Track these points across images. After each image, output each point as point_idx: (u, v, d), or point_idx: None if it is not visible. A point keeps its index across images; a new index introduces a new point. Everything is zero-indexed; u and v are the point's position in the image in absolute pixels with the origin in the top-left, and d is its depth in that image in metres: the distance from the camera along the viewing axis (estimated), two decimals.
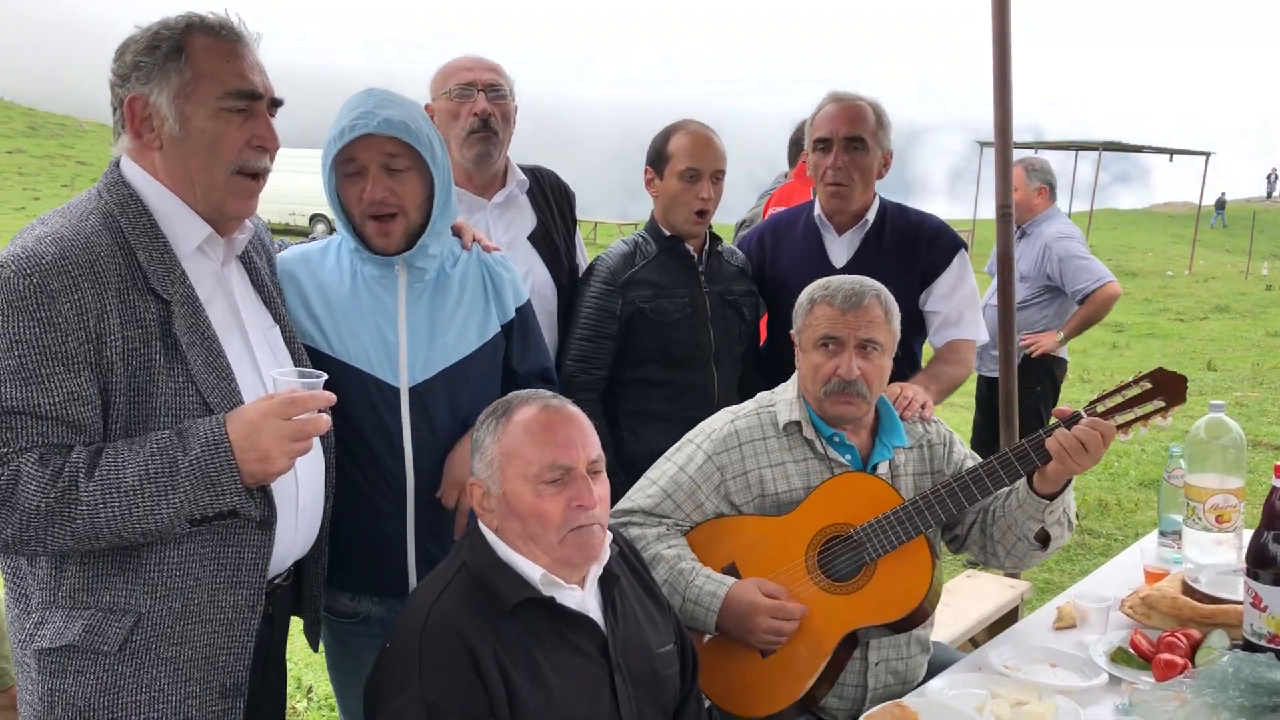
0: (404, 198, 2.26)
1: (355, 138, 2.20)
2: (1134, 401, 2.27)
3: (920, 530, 2.29)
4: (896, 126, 3.22)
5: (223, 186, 1.87)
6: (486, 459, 1.91)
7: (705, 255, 3.09)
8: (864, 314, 2.39)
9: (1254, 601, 2.13)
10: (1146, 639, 2.29)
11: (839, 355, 2.37)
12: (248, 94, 1.85)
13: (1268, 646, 2.10)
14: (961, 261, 3.17)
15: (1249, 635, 2.14)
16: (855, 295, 2.40)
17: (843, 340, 2.38)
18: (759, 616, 2.27)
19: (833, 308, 2.40)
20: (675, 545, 2.40)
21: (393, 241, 2.28)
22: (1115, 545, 5.69)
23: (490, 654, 1.80)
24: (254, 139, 1.87)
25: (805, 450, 2.42)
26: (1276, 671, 2.00)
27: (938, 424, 2.59)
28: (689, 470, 2.43)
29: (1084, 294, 5.27)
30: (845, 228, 3.18)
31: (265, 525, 1.87)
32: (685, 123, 3.05)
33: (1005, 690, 2.14)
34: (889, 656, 2.40)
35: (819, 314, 2.42)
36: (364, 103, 2.24)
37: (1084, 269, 5.28)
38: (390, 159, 2.23)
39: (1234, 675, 2.00)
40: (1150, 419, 2.27)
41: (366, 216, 2.26)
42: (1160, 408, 2.26)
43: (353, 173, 2.25)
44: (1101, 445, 2.22)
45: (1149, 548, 2.91)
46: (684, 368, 3.01)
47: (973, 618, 3.54)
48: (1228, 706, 1.95)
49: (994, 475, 2.31)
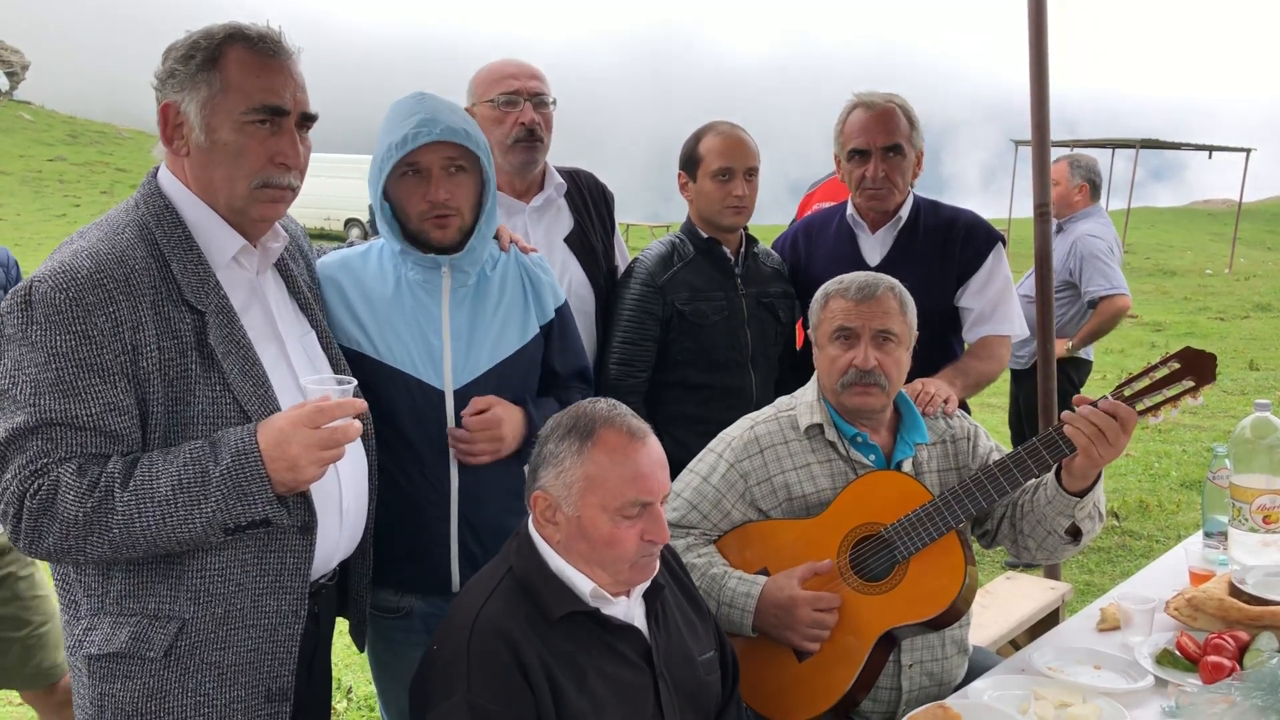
0: (461, 200, 2.30)
1: (420, 145, 2.22)
2: (1162, 383, 2.24)
3: (951, 526, 2.27)
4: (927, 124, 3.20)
5: (245, 198, 1.88)
6: (565, 480, 1.87)
7: (741, 257, 3.08)
8: (878, 305, 2.38)
9: None
10: (1193, 641, 2.26)
11: (855, 347, 2.37)
12: (273, 109, 1.85)
13: None
14: (997, 256, 3.15)
15: None
16: (869, 286, 2.41)
17: (857, 331, 2.37)
18: (800, 609, 2.26)
19: (847, 300, 2.40)
20: (705, 554, 2.40)
21: (449, 235, 2.31)
22: (1157, 547, 5.62)
23: (537, 660, 1.80)
24: (276, 155, 1.88)
25: (829, 452, 2.42)
26: None
27: (962, 418, 2.56)
28: (712, 480, 2.43)
29: (1094, 298, 5.19)
30: (878, 225, 3.17)
31: (306, 530, 1.88)
32: (715, 124, 3.06)
33: (1049, 692, 2.12)
34: (923, 658, 2.38)
35: (833, 307, 2.42)
36: (421, 108, 2.26)
37: (1101, 272, 5.18)
38: (451, 162, 2.27)
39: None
40: (1180, 400, 2.23)
41: (426, 217, 2.28)
42: (1190, 388, 2.23)
43: (410, 175, 2.27)
44: (1119, 430, 2.18)
45: (1194, 549, 2.87)
46: (721, 370, 3.00)
47: (1013, 620, 3.50)
48: (1277, 709, 1.92)
49: (1022, 466, 2.29)
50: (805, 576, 2.30)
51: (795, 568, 2.32)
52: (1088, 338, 5.28)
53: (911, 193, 3.19)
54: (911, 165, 3.13)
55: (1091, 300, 5.22)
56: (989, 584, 3.90)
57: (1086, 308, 5.28)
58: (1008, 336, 3.14)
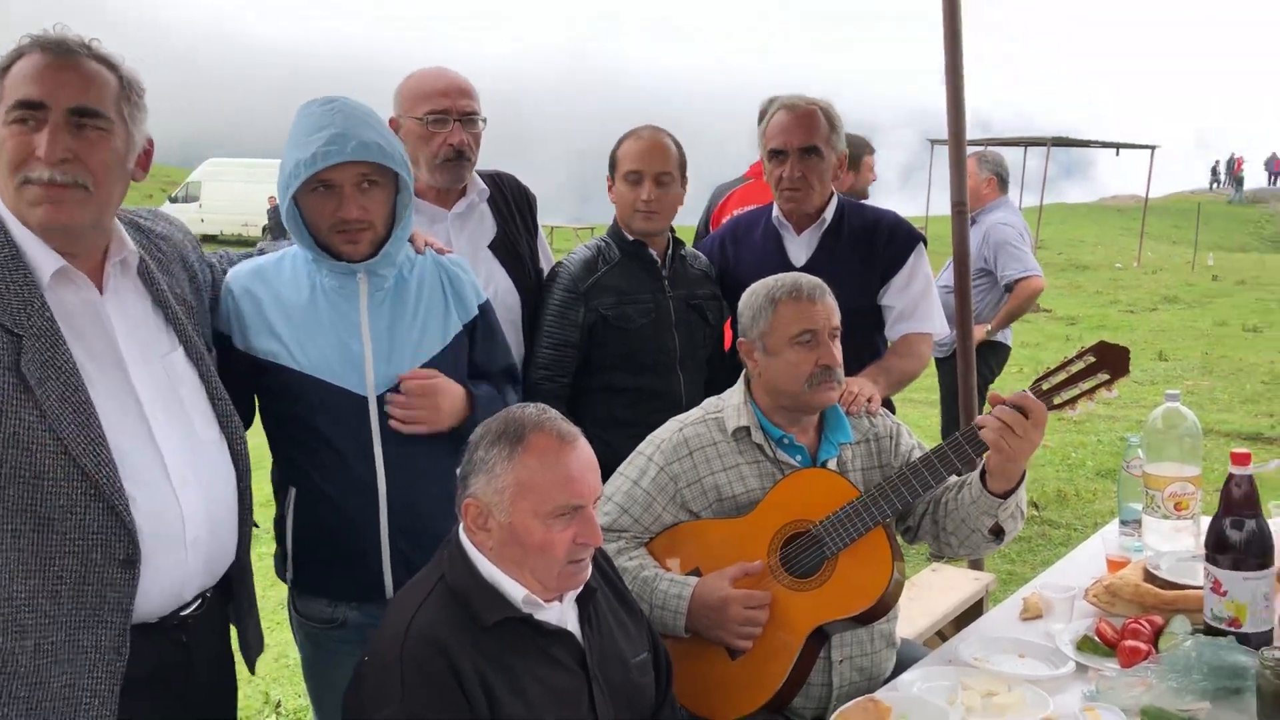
0: (373, 213, 2.26)
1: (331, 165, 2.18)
2: (1078, 376, 2.30)
3: (878, 521, 2.31)
4: (850, 126, 3.25)
5: (14, 198, 1.83)
6: (496, 486, 1.86)
7: (669, 260, 3.10)
8: (827, 303, 2.45)
9: (1214, 586, 2.17)
10: (1111, 626, 2.32)
11: (818, 346, 2.40)
12: (26, 104, 1.81)
13: (1228, 630, 2.14)
14: (918, 256, 3.21)
15: (1210, 619, 2.19)
16: (815, 287, 2.45)
17: (818, 331, 2.41)
18: (731, 608, 2.29)
19: (800, 302, 2.43)
20: (636, 556, 2.41)
21: (361, 249, 2.27)
22: (1075, 535, 5.78)
23: (471, 667, 1.79)
24: (31, 149, 1.80)
25: (756, 454, 2.44)
26: (1237, 654, 2.04)
27: (885, 417, 2.61)
28: (643, 484, 2.45)
29: (1009, 281, 5.46)
30: (803, 227, 3.21)
31: (129, 564, 1.80)
32: (638, 128, 3.06)
33: (975, 681, 2.17)
34: (853, 654, 2.42)
35: (786, 312, 2.44)
36: (331, 121, 2.20)
37: (1015, 257, 5.47)
38: (364, 178, 2.23)
39: (1197, 659, 2.04)
40: (1096, 392, 2.30)
41: (335, 231, 2.25)
42: (1105, 380, 2.29)
43: (320, 190, 2.22)
44: (1029, 425, 2.23)
45: (1110, 537, 2.96)
46: (649, 373, 3.01)
47: (939, 611, 3.58)
48: (1191, 690, 1.99)
49: (945, 460, 2.35)
50: (736, 576, 2.33)
51: (727, 568, 2.34)
52: (1006, 319, 5.56)
53: (835, 195, 3.24)
54: (831, 167, 3.17)
55: (1008, 284, 5.48)
56: (915, 577, 3.98)
57: (1004, 292, 5.53)
58: (929, 334, 3.21)
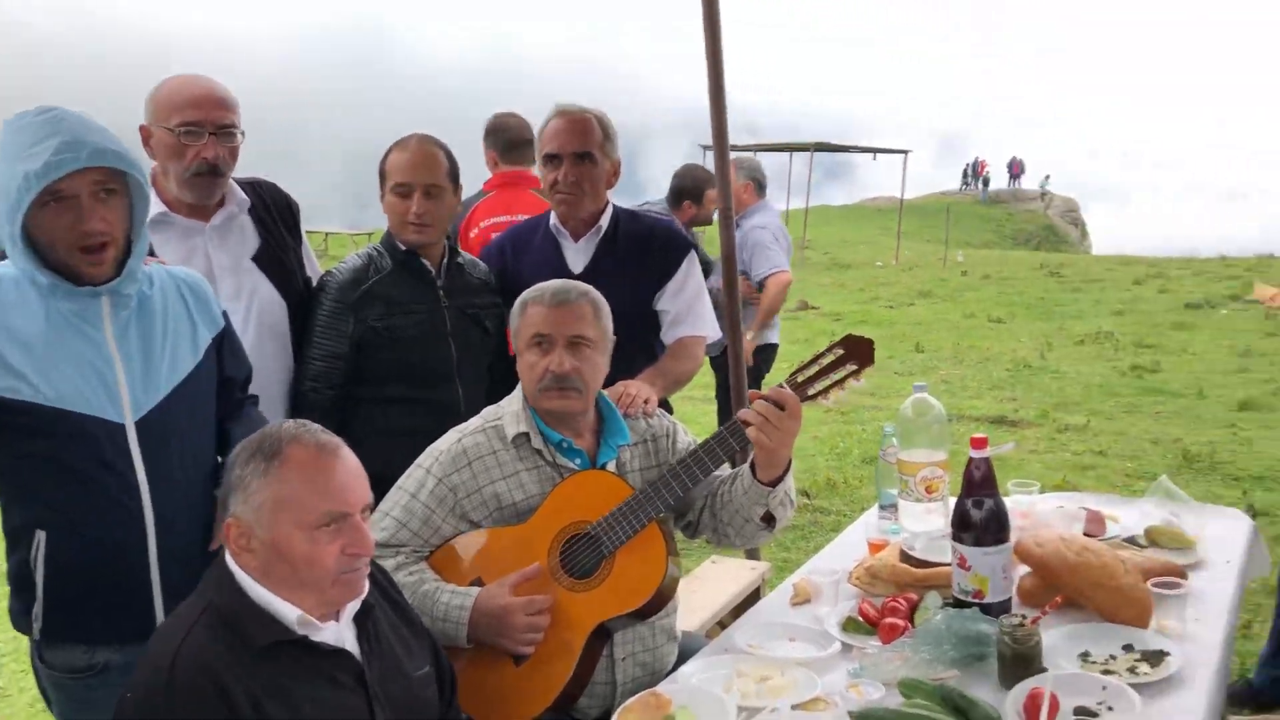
0: (115, 225, 2.13)
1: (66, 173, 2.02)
2: (829, 369, 2.43)
3: (651, 517, 2.37)
4: (625, 132, 3.33)
5: None
6: (254, 503, 1.80)
7: (444, 269, 3.07)
8: (571, 311, 2.47)
9: (960, 562, 2.36)
10: (873, 606, 2.47)
11: (551, 352, 2.43)
12: None
13: (973, 601, 2.33)
14: (690, 262, 3.32)
15: (958, 593, 2.37)
16: (562, 293, 2.49)
17: (553, 337, 2.44)
18: (512, 615, 2.30)
19: (543, 306, 2.47)
20: (415, 571, 2.39)
21: (105, 270, 2.13)
22: (845, 521, 6.07)
23: (243, 692, 1.72)
24: None
25: (536, 459, 2.46)
26: (981, 624, 2.22)
27: (661, 417, 2.69)
28: (421, 497, 2.43)
29: (759, 280, 5.71)
30: (580, 234, 3.25)
31: None
32: (406, 138, 3.02)
33: (749, 668, 2.26)
34: (635, 650, 2.47)
35: (530, 314, 2.48)
36: (58, 129, 2.05)
37: (764, 257, 5.70)
38: (100, 186, 2.09)
39: (946, 630, 2.21)
40: (845, 382, 2.44)
41: (76, 248, 2.10)
42: (853, 371, 2.43)
43: (53, 204, 2.07)
44: (785, 416, 2.36)
45: (870, 521, 3.14)
46: (427, 384, 2.98)
47: (718, 602, 3.70)
48: (942, 660, 2.16)
49: (711, 454, 2.43)
50: (517, 583, 2.34)
51: (507, 577, 2.35)
52: (764, 317, 5.78)
53: (611, 203, 3.31)
54: (605, 174, 3.24)
55: (759, 283, 5.72)
56: (696, 570, 4.10)
57: (758, 292, 5.75)
58: (703, 336, 3.32)
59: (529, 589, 2.35)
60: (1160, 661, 2.15)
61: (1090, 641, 2.26)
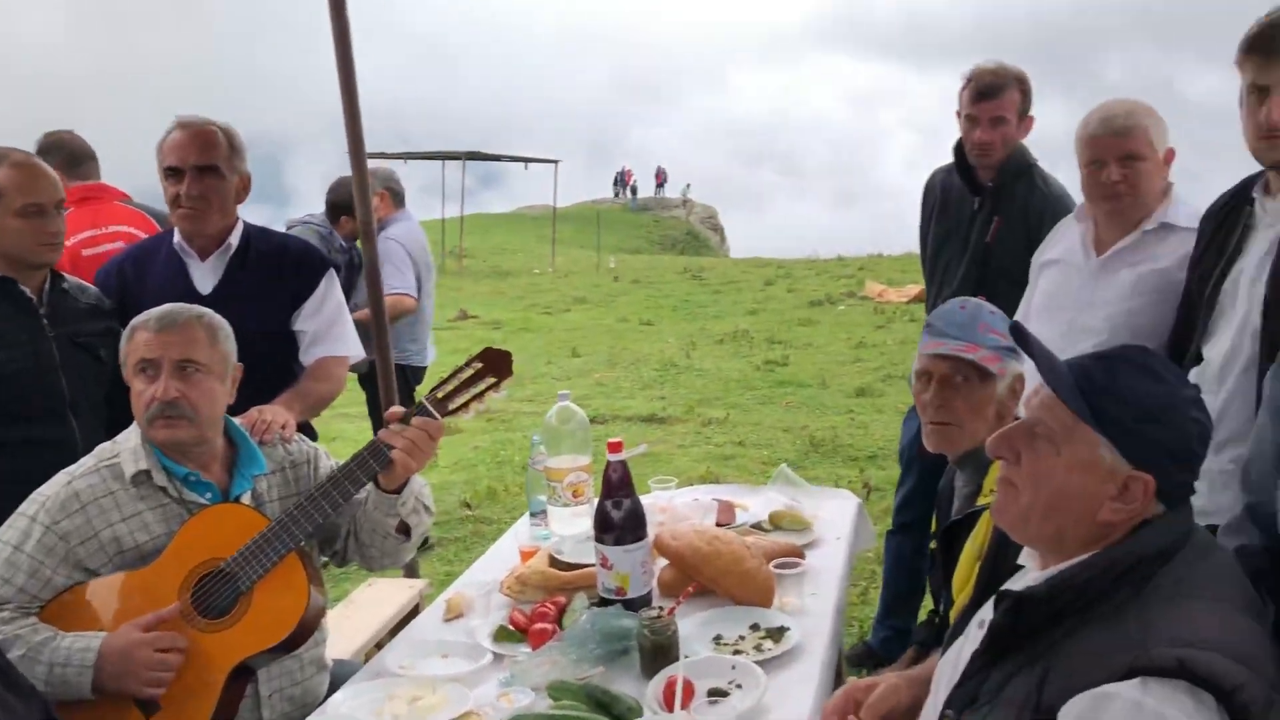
0: None
1: None
2: (469, 383, 2.45)
3: (290, 547, 2.29)
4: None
5: None
6: None
7: (46, 295, 2.80)
8: (180, 334, 2.34)
9: (603, 562, 2.46)
10: (523, 613, 2.52)
11: (157, 379, 2.30)
12: None
13: (616, 599, 2.44)
14: (330, 281, 3.23)
15: (602, 592, 2.47)
16: (170, 316, 2.36)
17: (159, 361, 2.31)
18: (139, 651, 2.14)
19: (149, 331, 2.33)
20: (26, 625, 2.18)
21: None
22: (507, 530, 6.15)
23: None
24: None
25: (160, 497, 2.31)
26: (624, 619, 2.33)
27: (300, 442, 2.60)
28: (26, 548, 2.22)
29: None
30: (209, 252, 3.09)
31: None
32: (9, 152, 2.74)
33: (401, 690, 2.24)
34: (283, 685, 2.39)
35: (136, 340, 2.34)
36: None
37: (390, 275, 5.26)
38: None
39: (592, 630, 2.30)
40: (485, 395, 2.46)
41: None
42: (493, 383, 2.46)
43: None
44: (430, 439, 2.37)
45: (522, 529, 3.21)
46: (36, 423, 2.72)
47: (375, 626, 3.62)
48: (588, 659, 2.24)
49: (351, 476, 2.37)
50: (150, 624, 2.18)
51: (140, 618, 2.19)
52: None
53: (241, 220, 3.16)
54: (233, 189, 3.09)
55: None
56: (352, 594, 4.00)
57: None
58: (345, 356, 3.24)
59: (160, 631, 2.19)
60: (782, 636, 2.36)
61: (722, 625, 2.43)
